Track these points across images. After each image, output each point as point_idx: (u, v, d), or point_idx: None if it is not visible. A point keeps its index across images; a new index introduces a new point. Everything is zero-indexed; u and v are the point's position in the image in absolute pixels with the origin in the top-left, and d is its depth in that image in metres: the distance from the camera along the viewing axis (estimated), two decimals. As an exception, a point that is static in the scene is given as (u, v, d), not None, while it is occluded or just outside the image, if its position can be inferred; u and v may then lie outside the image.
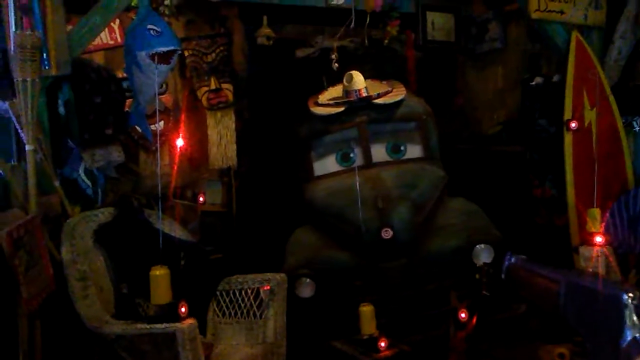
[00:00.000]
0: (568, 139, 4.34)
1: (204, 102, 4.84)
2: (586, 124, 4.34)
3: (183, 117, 4.73)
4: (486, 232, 4.01)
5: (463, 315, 3.39)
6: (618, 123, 4.43)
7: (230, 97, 4.87)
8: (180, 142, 4.45)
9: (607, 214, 4.01)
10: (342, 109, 4.50)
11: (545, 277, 2.96)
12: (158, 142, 3.70)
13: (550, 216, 4.67)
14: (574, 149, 4.33)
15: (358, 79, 4.50)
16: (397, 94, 4.61)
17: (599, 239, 3.72)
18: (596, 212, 3.88)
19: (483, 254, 3.83)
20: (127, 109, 4.07)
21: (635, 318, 2.44)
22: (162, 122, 4.57)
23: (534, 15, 4.36)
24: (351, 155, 4.50)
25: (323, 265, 3.89)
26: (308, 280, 3.80)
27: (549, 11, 4.37)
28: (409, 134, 4.59)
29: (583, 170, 4.22)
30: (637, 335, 2.42)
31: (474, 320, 3.40)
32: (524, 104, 4.86)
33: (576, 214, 4.22)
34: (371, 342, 3.41)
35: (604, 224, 3.88)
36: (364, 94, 4.49)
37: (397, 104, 4.55)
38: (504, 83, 5.52)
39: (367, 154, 4.48)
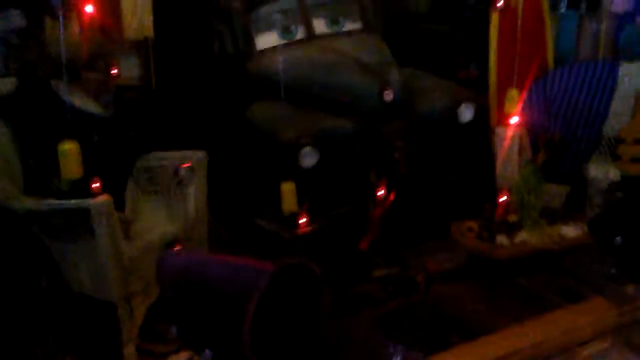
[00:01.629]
0: (494, 18, 4.31)
1: (116, -36, 4.42)
2: (512, 4, 4.31)
3: (92, -20, 4.31)
4: (467, 93, 4.15)
5: (381, 192, 3.47)
6: (544, 4, 4.43)
7: (144, -41, 4.46)
8: (89, 9, 4.08)
9: (525, 95, 4.10)
10: None
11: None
12: (63, 7, 3.37)
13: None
14: (499, 29, 4.32)
15: None
16: None
17: (514, 119, 3.82)
18: (514, 92, 3.95)
19: (467, 112, 4.00)
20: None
21: None
22: (69, -15, 4.15)
23: None
24: (292, 28, 4.40)
25: (325, 134, 3.79)
26: (311, 148, 3.68)
27: None
28: (347, 6, 4.55)
29: (506, 52, 4.24)
30: None
31: (392, 196, 3.49)
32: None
33: (496, 95, 4.30)
34: (292, 219, 3.46)
35: (520, 104, 3.97)
36: None
37: None
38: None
39: (309, 27, 4.41)
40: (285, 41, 4.39)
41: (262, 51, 4.39)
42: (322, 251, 3.21)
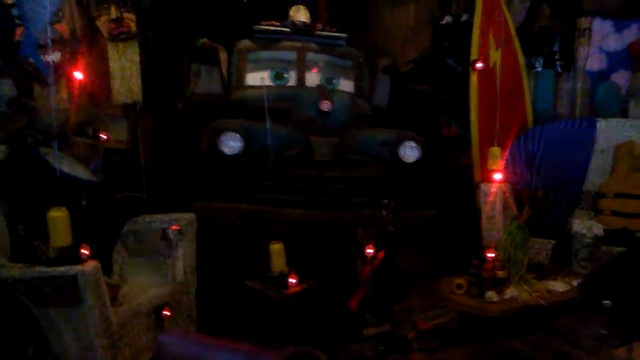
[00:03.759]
0: (474, 78, 4.45)
1: (105, 32, 4.55)
2: (491, 64, 4.46)
3: (82, 48, 4.42)
4: (415, 135, 4.23)
5: (370, 250, 3.48)
6: (521, 64, 4.59)
7: (133, 27, 4.60)
8: (79, 75, 4.17)
9: (507, 152, 4.20)
10: (287, 29, 4.70)
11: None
12: (52, 74, 3.44)
13: (456, 155, 4.84)
14: (479, 88, 4.45)
15: (304, 12, 4.80)
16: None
17: (498, 176, 3.90)
18: (497, 150, 4.05)
19: (410, 150, 4.05)
20: (17, 38, 3.74)
21: None
22: (57, 54, 4.25)
23: (445, -46, 4.36)
24: (285, 75, 4.60)
25: (254, 129, 3.89)
26: (236, 134, 3.76)
27: (458, -50, 4.39)
28: (344, 70, 4.78)
29: (487, 110, 4.36)
30: None
31: (381, 255, 3.50)
32: (434, 42, 4.91)
33: (479, 152, 4.39)
34: (281, 279, 3.45)
35: (503, 161, 4.05)
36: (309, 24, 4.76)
37: (338, 40, 4.82)
38: (416, 21, 5.54)
39: (301, 78, 4.59)
40: (275, 84, 4.57)
41: (251, 86, 4.59)
42: (311, 310, 3.20)
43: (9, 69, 3.57)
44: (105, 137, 4.32)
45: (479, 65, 4.39)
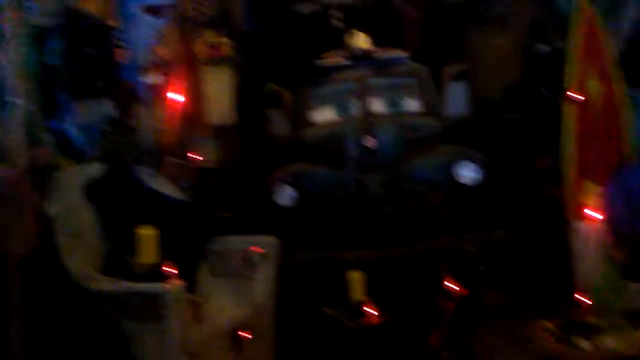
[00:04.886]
0: (569, 109, 4.25)
1: (202, 56, 4.74)
2: (588, 95, 4.25)
3: (180, 71, 4.62)
4: (469, 151, 4.10)
5: (452, 286, 3.38)
6: (622, 96, 4.34)
7: (229, 52, 4.76)
8: (177, 97, 4.35)
9: (605, 190, 3.96)
10: (345, 62, 4.61)
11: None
12: (153, 96, 3.62)
13: (548, 187, 4.62)
14: (574, 120, 4.25)
15: (361, 38, 4.61)
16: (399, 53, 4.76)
17: (593, 213, 3.69)
18: (592, 185, 3.83)
19: (465, 169, 3.90)
20: (120, 60, 3.96)
21: None
22: (158, 76, 4.46)
23: (541, -19, 4.23)
24: (348, 106, 4.56)
25: (306, 176, 3.96)
26: (289, 186, 3.83)
27: (556, -23, 4.23)
28: (408, 89, 4.66)
29: (583, 142, 4.14)
30: None
31: (463, 291, 3.40)
32: (528, 71, 4.75)
33: (573, 187, 4.17)
34: (359, 309, 3.41)
35: (599, 198, 3.83)
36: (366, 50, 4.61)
37: (399, 60, 4.70)
38: (510, 49, 5.38)
39: (364, 106, 4.53)
40: (341, 117, 4.54)
41: (315, 123, 4.57)
42: (390, 344, 3.14)
43: (110, 90, 3.78)
44: (197, 157, 4.47)
45: (575, 95, 4.20)
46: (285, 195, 3.88)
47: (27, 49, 3.20)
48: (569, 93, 4.21)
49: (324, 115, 4.59)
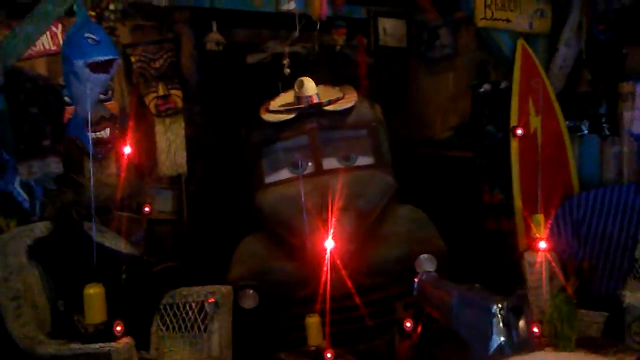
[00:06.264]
0: (514, 145, 4.40)
1: (152, 108, 4.75)
2: (532, 131, 4.41)
3: (130, 124, 4.61)
4: (429, 242, 4.04)
5: (408, 324, 3.39)
6: (563, 129, 4.51)
7: (179, 103, 4.79)
8: (127, 150, 4.33)
9: (551, 220, 4.07)
10: (292, 115, 4.49)
11: (442, 290, 3.17)
12: (99, 151, 3.59)
13: (499, 221, 4.72)
14: (520, 155, 4.39)
15: (309, 85, 4.49)
16: (348, 100, 4.61)
17: (542, 244, 3.78)
18: (540, 217, 3.94)
19: (426, 264, 3.86)
20: (67, 117, 3.95)
21: (501, 325, 2.72)
22: (107, 130, 4.45)
23: (481, 24, 4.41)
24: (301, 163, 4.43)
25: (267, 276, 3.84)
26: (251, 291, 3.76)
27: (495, 19, 4.42)
28: (359, 142, 4.58)
29: (529, 176, 4.27)
30: (502, 340, 2.70)
31: (419, 329, 3.40)
32: (474, 110, 4.89)
33: (522, 219, 4.27)
34: (318, 354, 3.38)
35: (547, 229, 3.93)
36: (315, 101, 4.50)
37: (348, 111, 4.56)
38: (455, 89, 5.55)
39: (317, 162, 4.45)
40: (293, 175, 4.38)
41: (269, 184, 4.49)
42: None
43: (56, 147, 3.74)
44: (148, 210, 4.43)
45: (519, 131, 4.35)
46: (249, 300, 3.80)
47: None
48: (513, 128, 4.37)
49: (277, 173, 4.50)
